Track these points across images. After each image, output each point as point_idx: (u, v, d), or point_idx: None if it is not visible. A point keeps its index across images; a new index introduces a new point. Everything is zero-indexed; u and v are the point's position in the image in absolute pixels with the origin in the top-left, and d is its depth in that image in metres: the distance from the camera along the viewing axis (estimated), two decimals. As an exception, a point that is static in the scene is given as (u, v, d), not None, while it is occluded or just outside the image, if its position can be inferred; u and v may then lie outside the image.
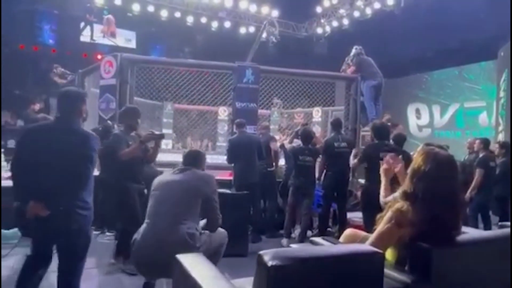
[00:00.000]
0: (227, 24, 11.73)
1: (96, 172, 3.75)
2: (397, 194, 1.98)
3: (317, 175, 4.98)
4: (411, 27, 9.57)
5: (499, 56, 8.66)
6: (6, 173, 5.55)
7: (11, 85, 10.17)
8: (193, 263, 1.70)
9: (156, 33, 11.89)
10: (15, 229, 4.36)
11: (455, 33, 9.07)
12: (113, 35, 11.68)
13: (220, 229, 2.72)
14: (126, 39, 11.89)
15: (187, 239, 2.37)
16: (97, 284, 2.90)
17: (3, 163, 6.00)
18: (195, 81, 7.19)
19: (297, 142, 5.03)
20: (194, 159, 2.76)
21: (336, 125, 5.09)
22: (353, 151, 4.69)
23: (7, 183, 4.82)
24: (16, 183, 2.41)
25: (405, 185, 1.81)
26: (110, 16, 11.42)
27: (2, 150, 6.17)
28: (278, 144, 5.49)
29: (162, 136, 3.70)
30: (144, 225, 2.53)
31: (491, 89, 9.59)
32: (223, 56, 8.38)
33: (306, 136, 4.89)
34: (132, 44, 11.88)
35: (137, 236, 2.52)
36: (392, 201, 1.92)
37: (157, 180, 2.67)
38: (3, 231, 4.38)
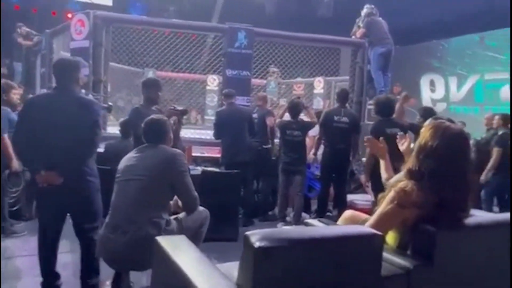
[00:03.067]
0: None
1: (101, 149, 3.77)
2: (401, 173, 2.01)
3: (313, 150, 5.05)
4: (428, -14, 9.41)
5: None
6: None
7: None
8: (174, 246, 1.73)
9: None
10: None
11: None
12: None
13: (200, 208, 2.68)
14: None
15: (149, 230, 2.34)
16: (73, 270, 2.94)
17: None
18: (181, 46, 7.08)
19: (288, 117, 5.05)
20: (157, 133, 2.64)
21: (342, 96, 5.10)
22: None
23: None
24: (21, 154, 2.83)
25: (410, 162, 1.83)
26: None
27: None
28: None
29: (185, 112, 3.78)
30: (107, 217, 2.52)
31: (516, 59, 9.51)
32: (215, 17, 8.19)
33: (294, 108, 4.91)
34: (108, 1, 11.57)
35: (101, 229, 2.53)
36: (395, 181, 1.95)
37: (121, 164, 2.61)
38: None
